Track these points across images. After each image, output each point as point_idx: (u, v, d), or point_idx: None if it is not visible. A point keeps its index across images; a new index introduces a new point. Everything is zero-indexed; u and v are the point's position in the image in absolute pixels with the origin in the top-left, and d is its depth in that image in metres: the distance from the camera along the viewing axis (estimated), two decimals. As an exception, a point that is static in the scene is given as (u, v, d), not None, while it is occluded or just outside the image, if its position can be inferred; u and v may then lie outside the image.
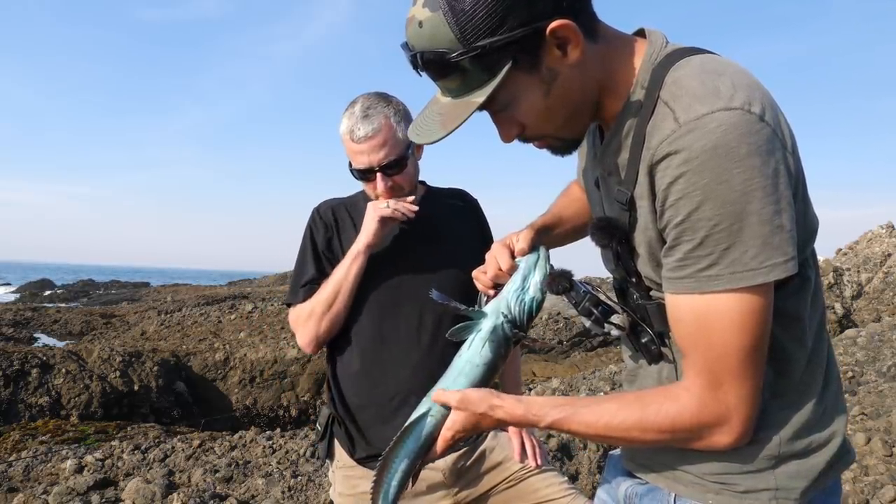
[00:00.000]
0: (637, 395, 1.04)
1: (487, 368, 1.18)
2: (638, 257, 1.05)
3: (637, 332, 1.11)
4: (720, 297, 0.92)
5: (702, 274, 0.92)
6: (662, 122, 0.94)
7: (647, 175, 0.96)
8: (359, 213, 1.91)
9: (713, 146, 0.87)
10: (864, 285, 15.10)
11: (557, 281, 1.18)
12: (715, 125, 0.88)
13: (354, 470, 1.87)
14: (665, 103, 0.94)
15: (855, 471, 4.09)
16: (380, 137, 1.74)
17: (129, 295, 27.57)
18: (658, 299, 1.06)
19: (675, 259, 0.94)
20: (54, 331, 16.27)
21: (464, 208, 2.04)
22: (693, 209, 0.90)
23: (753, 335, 0.93)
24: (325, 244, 1.90)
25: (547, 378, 9.39)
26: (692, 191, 0.89)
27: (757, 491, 1.02)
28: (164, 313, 15.12)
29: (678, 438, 1.00)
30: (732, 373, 0.94)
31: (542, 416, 1.05)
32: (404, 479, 1.21)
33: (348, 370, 1.91)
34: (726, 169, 0.87)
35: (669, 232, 0.94)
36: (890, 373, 6.23)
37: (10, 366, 8.44)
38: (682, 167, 0.89)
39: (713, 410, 0.96)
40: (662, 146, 0.92)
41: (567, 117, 1.03)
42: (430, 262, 1.89)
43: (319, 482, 4.47)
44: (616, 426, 1.01)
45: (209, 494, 4.12)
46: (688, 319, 0.96)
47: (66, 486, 4.19)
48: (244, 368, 10.67)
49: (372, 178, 1.79)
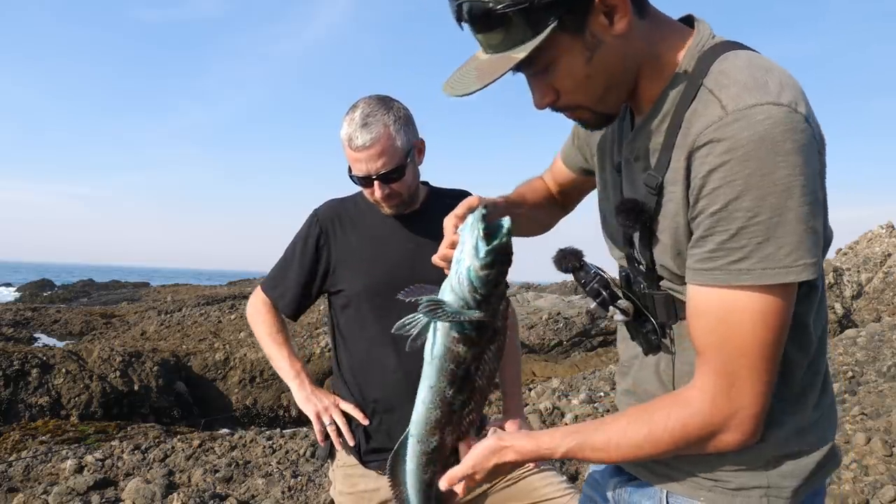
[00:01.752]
0: (642, 407, 1.02)
1: (445, 362, 1.06)
2: (657, 244, 1.03)
3: (640, 321, 1.10)
4: (748, 292, 0.90)
5: (733, 267, 0.90)
6: (706, 109, 0.92)
7: (685, 161, 0.94)
8: (360, 213, 1.93)
9: (759, 138, 0.86)
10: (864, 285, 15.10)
11: (567, 259, 1.16)
12: (763, 117, 0.87)
13: (355, 468, 1.88)
14: (710, 91, 0.93)
15: (855, 471, 4.09)
16: (378, 147, 1.75)
17: (129, 295, 27.57)
18: (668, 290, 1.05)
19: (706, 250, 0.92)
20: (54, 331, 16.27)
21: None
22: (732, 198, 0.88)
23: (775, 333, 0.92)
24: (314, 256, 1.92)
25: (547, 378, 9.39)
26: (734, 179, 0.87)
27: (748, 488, 1.03)
28: (164, 313, 15.11)
29: (691, 443, 0.97)
30: (749, 371, 0.92)
31: (555, 449, 1.03)
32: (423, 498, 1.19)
33: (349, 369, 1.92)
34: (771, 162, 0.86)
35: (702, 221, 0.92)
36: (890, 373, 6.23)
37: (10, 366, 8.43)
38: (726, 155, 0.88)
39: (724, 410, 0.94)
40: (706, 132, 0.90)
41: (605, 89, 1.00)
42: (426, 261, 1.89)
43: (319, 482, 4.46)
44: (627, 444, 0.99)
45: (209, 494, 4.12)
46: (711, 313, 0.94)
47: (66, 486, 4.19)
48: (244, 368, 10.66)
49: (370, 185, 1.81)
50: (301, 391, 1.92)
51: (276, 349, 1.97)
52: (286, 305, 1.96)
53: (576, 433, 1.03)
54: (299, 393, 1.92)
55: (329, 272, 1.92)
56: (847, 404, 5.31)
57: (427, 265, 1.96)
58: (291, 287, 1.94)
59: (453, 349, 1.06)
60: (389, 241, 1.89)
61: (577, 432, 1.03)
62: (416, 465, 1.13)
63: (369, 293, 1.87)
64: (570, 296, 16.99)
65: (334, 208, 1.96)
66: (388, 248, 1.89)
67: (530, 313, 13.58)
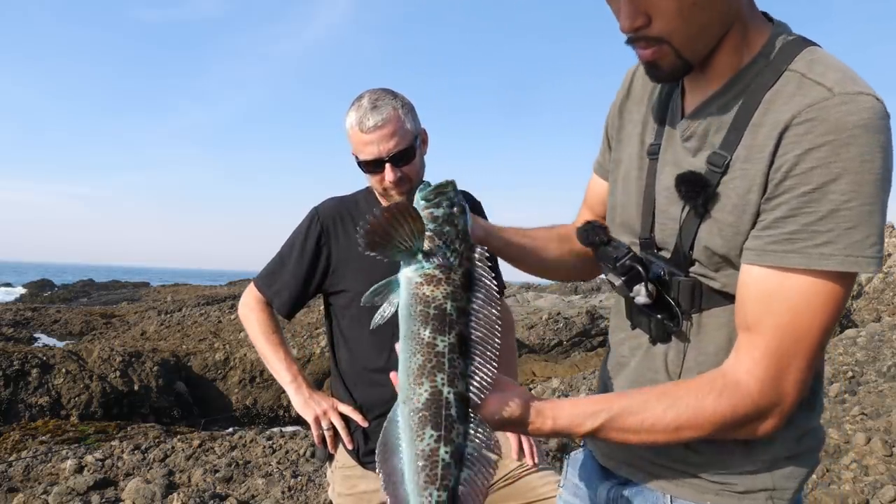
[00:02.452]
0: (685, 389, 0.96)
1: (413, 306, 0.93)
2: (707, 222, 0.99)
3: (654, 308, 1.06)
4: (822, 278, 0.89)
5: (815, 251, 0.88)
6: (799, 90, 0.91)
7: (774, 140, 0.91)
8: (360, 213, 1.91)
9: (864, 124, 0.86)
10: (864, 285, 15.10)
11: (596, 232, 1.12)
12: (869, 105, 0.87)
13: (354, 470, 1.87)
14: (802, 75, 0.92)
15: (855, 471, 4.09)
16: (389, 127, 1.74)
17: (129, 295, 27.57)
18: (697, 275, 1.02)
19: (786, 231, 0.90)
20: (54, 331, 16.27)
21: None
22: (829, 180, 0.86)
23: (833, 322, 0.91)
24: (313, 256, 1.89)
25: (547, 378, 9.39)
26: (833, 161, 0.86)
27: (755, 491, 1.02)
28: (164, 313, 15.12)
29: (733, 429, 0.94)
30: (801, 358, 0.91)
31: (576, 427, 0.97)
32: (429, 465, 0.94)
33: (348, 370, 1.91)
34: (872, 150, 0.86)
35: (787, 201, 0.90)
36: (890, 373, 6.23)
37: (10, 366, 8.43)
38: (829, 136, 0.86)
39: (771, 397, 0.92)
40: (808, 111, 0.88)
41: (702, 27, 0.94)
42: None
43: (319, 482, 4.47)
44: (664, 428, 0.95)
45: (209, 494, 4.12)
46: (776, 295, 0.91)
47: (66, 486, 4.19)
48: (244, 368, 10.67)
49: (380, 170, 1.77)
50: (298, 395, 1.90)
51: (271, 351, 1.94)
52: (282, 304, 1.93)
53: (601, 410, 0.97)
54: (297, 397, 1.90)
55: (329, 272, 1.90)
56: (847, 404, 5.31)
57: None
58: (288, 286, 1.91)
59: (418, 293, 0.94)
60: None
61: (602, 409, 0.97)
62: (408, 432, 0.90)
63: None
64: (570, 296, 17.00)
65: (335, 207, 1.94)
66: None
67: (530, 313, 13.59)
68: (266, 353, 1.95)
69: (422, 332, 0.93)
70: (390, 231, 0.93)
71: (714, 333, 1.03)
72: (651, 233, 1.09)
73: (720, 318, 1.02)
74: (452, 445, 0.88)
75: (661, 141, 1.11)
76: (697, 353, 1.04)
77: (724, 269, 1.00)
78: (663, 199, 1.08)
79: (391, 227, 0.93)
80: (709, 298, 1.02)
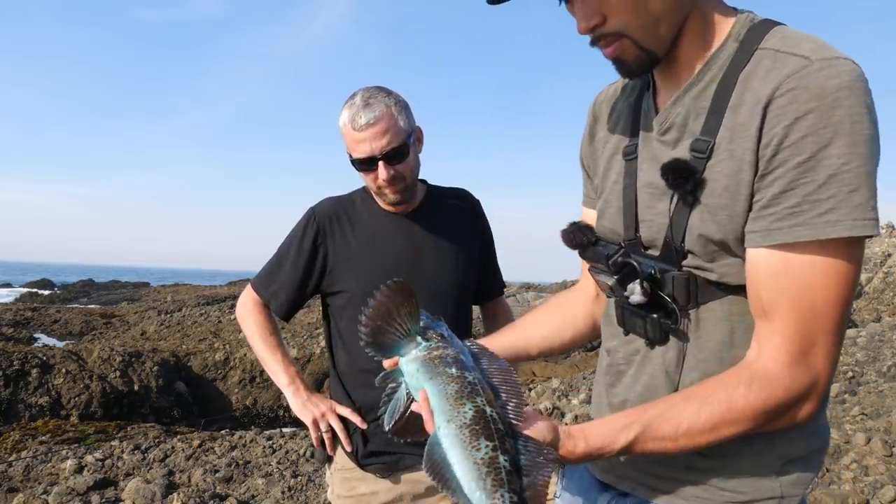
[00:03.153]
0: (713, 386, 0.93)
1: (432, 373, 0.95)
2: (697, 210, 0.97)
3: (647, 308, 1.02)
4: (831, 248, 0.87)
5: (819, 220, 0.85)
6: (775, 64, 0.90)
7: (758, 116, 0.90)
8: (358, 212, 1.90)
9: (847, 86, 0.85)
10: (864, 285, 15.10)
11: (582, 232, 1.09)
12: (849, 69, 0.86)
13: (353, 472, 1.86)
14: (776, 51, 0.92)
15: (855, 471, 4.09)
16: (382, 125, 1.73)
17: (129, 295, 27.59)
18: (691, 269, 0.99)
19: (788, 206, 0.88)
20: (54, 331, 16.28)
21: (465, 209, 2.03)
22: (822, 146, 0.85)
23: (850, 292, 0.88)
24: (310, 255, 1.88)
25: (547, 378, 9.39)
26: (823, 126, 0.85)
27: (762, 500, 0.99)
28: (164, 313, 15.12)
29: (771, 418, 0.91)
30: (825, 334, 0.89)
31: (613, 442, 0.92)
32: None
33: (346, 371, 1.91)
34: (859, 110, 0.85)
35: (784, 174, 0.88)
36: (890, 373, 6.23)
37: (10, 366, 8.44)
38: (813, 102, 0.85)
39: (804, 379, 0.89)
40: (788, 82, 0.87)
41: (654, 16, 0.95)
42: (428, 262, 1.89)
43: (319, 482, 4.47)
44: (700, 429, 0.90)
45: (209, 494, 4.12)
46: (786, 273, 0.89)
47: (66, 486, 4.19)
48: (244, 368, 10.67)
49: (373, 168, 1.76)
50: (297, 398, 1.89)
51: (269, 353, 1.93)
52: (279, 306, 1.92)
53: (633, 423, 0.92)
54: (295, 400, 1.89)
55: (326, 272, 1.89)
56: (847, 404, 5.31)
57: (426, 264, 1.96)
58: (285, 286, 1.90)
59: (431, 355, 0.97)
60: (389, 241, 1.88)
61: (637, 422, 0.92)
62: (461, 446, 0.88)
63: (368, 292, 1.85)
64: (570, 296, 16.99)
65: (332, 206, 1.92)
66: (387, 248, 1.87)
67: (530, 313, 13.57)
68: (263, 356, 1.94)
69: (448, 370, 0.94)
70: (392, 311, 0.97)
71: (714, 328, 0.99)
72: (636, 233, 1.07)
73: (719, 312, 0.99)
74: (508, 455, 0.87)
75: (637, 141, 1.10)
76: (698, 351, 1.00)
77: (721, 259, 0.97)
78: (646, 196, 1.06)
79: (392, 307, 0.96)
80: (705, 291, 0.99)
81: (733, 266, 0.96)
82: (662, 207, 1.02)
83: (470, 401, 0.91)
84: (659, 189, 1.02)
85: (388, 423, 1.01)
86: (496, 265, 2.12)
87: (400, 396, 1.02)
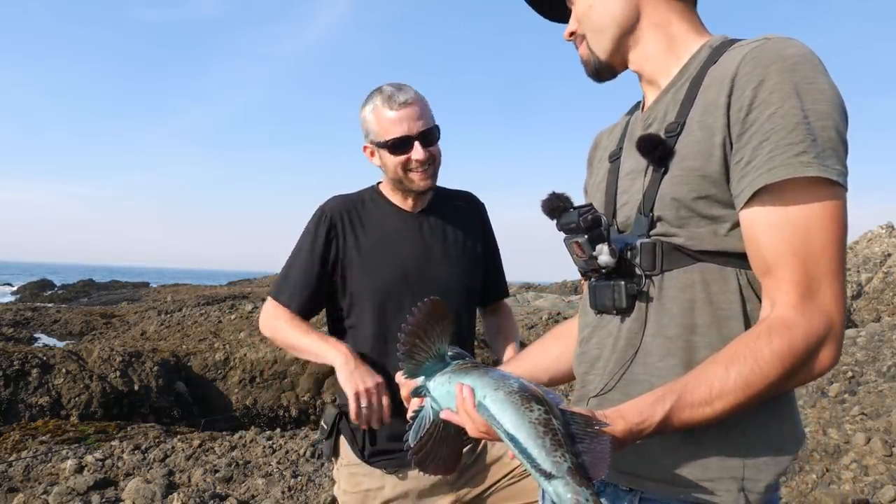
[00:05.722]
0: (734, 345, 0.94)
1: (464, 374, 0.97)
2: (669, 175, 1.03)
3: (612, 276, 1.08)
4: (813, 189, 0.92)
5: (795, 160, 0.91)
6: (740, 49, 1.00)
7: (727, 86, 0.98)
8: (367, 211, 1.91)
9: (803, 55, 0.95)
10: (863, 285, 15.10)
11: (558, 199, 1.13)
12: (802, 44, 0.97)
13: (359, 467, 1.87)
14: (742, 46, 1.01)
15: (855, 471, 4.09)
16: (417, 106, 1.78)
17: (129, 295, 27.56)
18: (658, 236, 1.04)
19: (765, 153, 0.93)
20: (54, 331, 16.27)
21: (470, 210, 2.04)
22: (786, 98, 0.93)
23: (842, 231, 0.94)
24: (324, 249, 1.87)
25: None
26: (785, 84, 0.93)
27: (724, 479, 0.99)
28: (164, 313, 15.12)
29: (797, 367, 0.91)
30: (827, 275, 0.92)
31: (651, 416, 0.91)
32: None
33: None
34: (815, 75, 0.94)
35: (758, 129, 0.94)
36: (890, 373, 6.23)
37: (10, 366, 8.43)
38: (774, 65, 0.94)
39: (819, 321, 0.92)
40: (750, 54, 0.97)
41: (598, 27, 1.15)
42: (437, 263, 1.89)
43: (319, 482, 4.47)
44: (733, 388, 0.90)
45: (209, 494, 4.12)
46: (777, 222, 0.94)
47: (66, 486, 4.19)
48: (244, 368, 10.66)
49: (408, 149, 1.78)
50: (345, 367, 1.77)
51: (305, 339, 1.85)
52: (301, 304, 1.90)
53: (668, 394, 0.92)
54: (343, 369, 1.77)
55: (338, 265, 1.88)
56: (847, 404, 5.31)
57: (435, 265, 1.96)
58: (301, 282, 1.89)
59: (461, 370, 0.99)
60: (397, 241, 1.88)
61: (669, 392, 0.92)
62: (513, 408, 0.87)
63: (377, 293, 1.84)
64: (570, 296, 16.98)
65: (342, 204, 1.92)
66: (396, 248, 1.88)
67: (530, 313, 13.58)
68: (301, 343, 1.86)
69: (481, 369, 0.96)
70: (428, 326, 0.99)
71: (676, 295, 1.03)
72: (613, 219, 1.14)
73: (682, 280, 1.03)
74: (560, 421, 0.86)
75: (622, 145, 1.20)
76: (660, 317, 1.04)
77: (690, 224, 1.02)
78: (626, 183, 1.14)
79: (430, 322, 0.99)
80: (670, 258, 1.03)
81: (700, 231, 1.01)
82: (637, 186, 1.09)
83: (513, 378, 0.91)
84: (635, 171, 1.11)
85: (413, 440, 1.02)
86: (501, 268, 2.13)
87: (425, 415, 1.03)
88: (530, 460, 0.84)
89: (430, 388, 1.01)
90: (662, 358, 1.03)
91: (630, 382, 1.06)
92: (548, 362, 1.37)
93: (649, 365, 1.04)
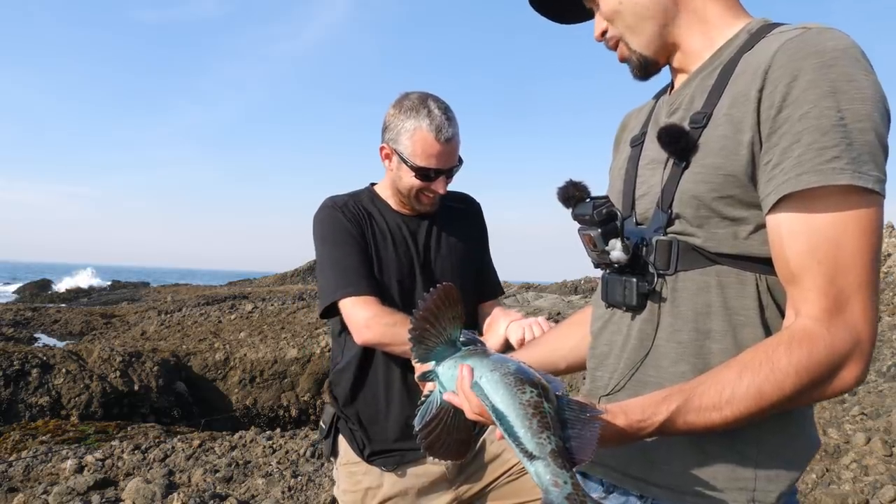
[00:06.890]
0: (751, 351, 0.89)
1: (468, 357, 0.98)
2: (690, 170, 0.98)
3: (626, 272, 1.04)
4: (844, 197, 0.86)
5: (828, 165, 0.85)
6: (778, 37, 0.94)
7: (760, 79, 0.92)
8: (369, 212, 1.90)
9: (843, 49, 0.88)
10: (864, 285, 15.08)
11: (575, 187, 1.10)
12: (844, 36, 0.90)
13: (358, 466, 1.88)
14: (780, 33, 0.95)
15: (855, 471, 4.09)
16: (455, 143, 1.78)
17: (129, 295, 27.56)
18: (675, 234, 0.99)
19: (795, 156, 0.87)
20: (54, 331, 16.26)
21: (467, 212, 2.05)
22: (821, 97, 0.86)
23: (876, 242, 0.87)
24: (360, 233, 1.83)
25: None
26: (821, 81, 0.87)
27: (735, 490, 0.96)
28: (164, 313, 15.12)
29: (813, 380, 0.86)
30: (858, 288, 0.86)
31: (654, 415, 0.88)
32: None
33: (356, 366, 1.91)
34: (855, 71, 0.87)
35: (790, 129, 0.88)
36: (890, 373, 6.23)
37: (10, 366, 8.43)
38: (811, 60, 0.88)
39: (844, 335, 0.86)
40: (787, 45, 0.90)
41: (633, 24, 1.07)
42: (436, 264, 1.91)
43: (319, 482, 4.47)
44: (744, 395, 0.86)
45: (209, 494, 4.12)
46: (805, 230, 0.88)
47: (66, 486, 4.19)
48: (244, 368, 10.66)
49: (431, 179, 1.79)
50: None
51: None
52: (374, 287, 1.78)
53: (673, 395, 0.89)
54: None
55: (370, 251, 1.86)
56: (847, 404, 5.31)
57: (435, 266, 1.97)
58: (366, 272, 1.79)
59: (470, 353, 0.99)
60: (400, 240, 1.89)
61: (677, 393, 0.89)
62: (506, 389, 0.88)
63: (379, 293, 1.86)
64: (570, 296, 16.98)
65: (347, 203, 1.90)
66: (398, 247, 1.88)
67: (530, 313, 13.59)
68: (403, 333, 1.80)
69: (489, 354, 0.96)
70: (440, 311, 0.97)
71: (691, 297, 0.99)
72: (632, 210, 1.08)
73: (698, 282, 0.98)
74: (552, 406, 0.86)
75: (646, 129, 1.14)
76: (673, 319, 1.00)
77: (709, 224, 0.97)
78: (647, 172, 1.08)
79: (442, 307, 0.97)
80: (686, 258, 0.99)
81: (720, 232, 0.96)
82: (657, 178, 1.04)
83: (512, 361, 0.92)
84: (656, 161, 1.05)
85: (419, 423, 1.03)
86: (493, 268, 2.14)
87: (433, 399, 1.04)
88: (515, 440, 0.85)
89: (439, 373, 1.01)
90: (675, 363, 0.99)
91: (641, 384, 1.03)
92: (566, 349, 1.33)
93: (661, 368, 1.01)
